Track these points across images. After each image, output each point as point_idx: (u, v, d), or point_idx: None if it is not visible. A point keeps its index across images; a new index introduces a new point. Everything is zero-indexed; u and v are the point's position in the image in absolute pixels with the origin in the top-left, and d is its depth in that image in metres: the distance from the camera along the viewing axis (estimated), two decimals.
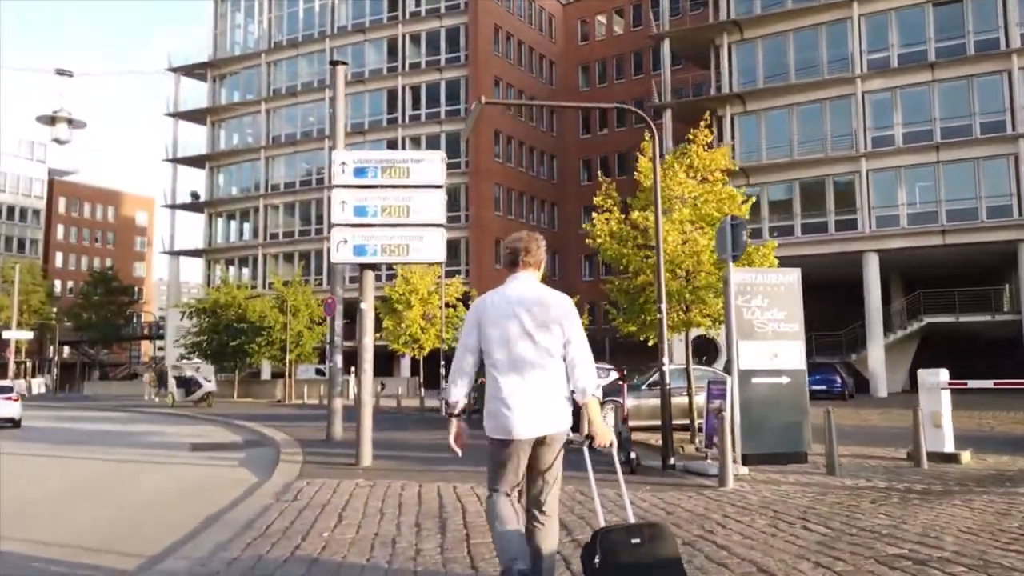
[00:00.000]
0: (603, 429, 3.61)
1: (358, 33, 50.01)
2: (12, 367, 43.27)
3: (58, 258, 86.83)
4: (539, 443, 3.63)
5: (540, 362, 3.60)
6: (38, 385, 50.70)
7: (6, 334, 41.78)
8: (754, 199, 12.12)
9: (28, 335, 44.51)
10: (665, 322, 9.38)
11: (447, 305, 26.74)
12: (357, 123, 48.29)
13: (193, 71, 56.09)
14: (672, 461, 9.10)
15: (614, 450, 3.72)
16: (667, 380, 9.33)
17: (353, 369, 25.87)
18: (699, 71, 40.12)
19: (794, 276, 9.92)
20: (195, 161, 55.93)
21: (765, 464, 8.98)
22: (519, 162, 50.06)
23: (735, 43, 35.99)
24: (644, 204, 11.75)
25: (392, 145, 46.41)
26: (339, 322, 15.11)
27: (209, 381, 29.77)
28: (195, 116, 56.27)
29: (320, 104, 50.94)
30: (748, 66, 35.45)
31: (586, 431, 3.65)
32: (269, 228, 52.45)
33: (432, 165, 10.67)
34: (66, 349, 79.72)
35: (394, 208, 10.55)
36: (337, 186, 10.51)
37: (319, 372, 38.75)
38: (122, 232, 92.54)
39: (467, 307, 24.09)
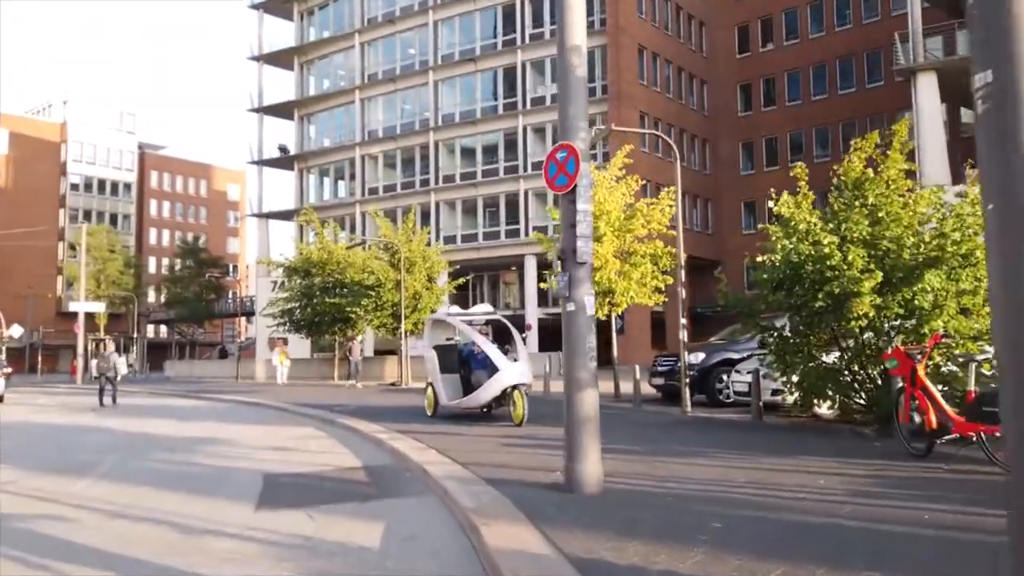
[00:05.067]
0: None
1: None
2: (86, 345, 36.74)
3: (151, 234, 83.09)
4: None
5: None
6: (121, 365, 44.59)
7: (73, 306, 35.26)
8: None
9: (100, 307, 38.44)
10: None
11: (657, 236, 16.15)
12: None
13: (278, 6, 48.94)
14: None
15: None
16: None
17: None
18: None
19: None
20: (283, 110, 48.85)
21: None
22: (665, 86, 40.44)
23: None
24: None
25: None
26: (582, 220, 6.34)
27: (511, 351, 11.64)
28: (281, 58, 49.04)
29: (422, 30, 42.78)
30: None
31: None
32: (367, 183, 44.84)
33: None
34: (163, 329, 75.49)
35: None
36: None
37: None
38: (214, 207, 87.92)
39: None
